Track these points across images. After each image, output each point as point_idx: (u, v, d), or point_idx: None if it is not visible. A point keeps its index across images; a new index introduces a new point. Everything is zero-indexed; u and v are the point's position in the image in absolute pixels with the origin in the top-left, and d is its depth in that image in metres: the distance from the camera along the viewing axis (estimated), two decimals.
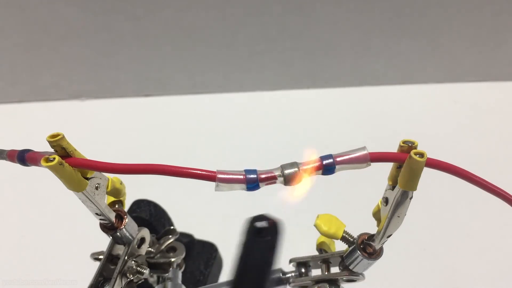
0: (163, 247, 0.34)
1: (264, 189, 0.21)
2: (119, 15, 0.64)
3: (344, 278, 0.28)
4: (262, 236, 0.16)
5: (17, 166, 0.22)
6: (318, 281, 0.28)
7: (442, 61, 0.72)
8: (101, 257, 0.29)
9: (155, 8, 0.64)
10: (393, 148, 0.22)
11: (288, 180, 0.21)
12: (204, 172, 0.20)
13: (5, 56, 0.68)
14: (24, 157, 0.22)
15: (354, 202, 0.51)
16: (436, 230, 0.52)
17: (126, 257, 0.28)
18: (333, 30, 0.68)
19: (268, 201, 0.57)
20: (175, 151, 0.62)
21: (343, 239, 0.27)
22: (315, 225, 0.28)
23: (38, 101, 0.72)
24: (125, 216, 0.27)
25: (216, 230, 0.49)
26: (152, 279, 0.34)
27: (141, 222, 0.31)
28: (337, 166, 0.21)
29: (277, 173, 0.21)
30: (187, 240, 0.43)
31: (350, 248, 0.27)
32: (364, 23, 0.67)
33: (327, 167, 0.21)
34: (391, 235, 0.24)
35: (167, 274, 0.33)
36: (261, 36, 0.68)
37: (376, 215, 0.25)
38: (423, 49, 0.71)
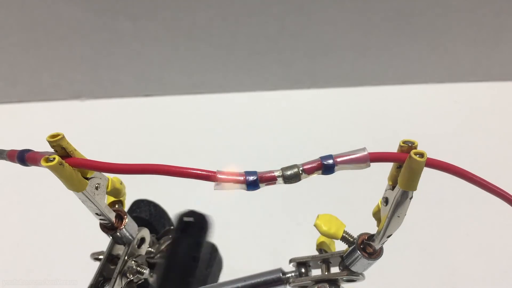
0: (163, 247, 0.34)
1: (264, 189, 0.21)
2: (119, 15, 0.64)
3: (344, 278, 0.28)
4: (188, 231, 0.16)
5: (17, 166, 0.23)
6: (318, 281, 0.28)
7: (442, 61, 0.72)
8: (101, 257, 0.29)
9: (155, 8, 0.64)
10: (393, 148, 0.22)
11: (288, 180, 0.21)
12: (204, 173, 0.20)
13: (5, 56, 0.68)
14: (24, 157, 0.22)
15: (354, 202, 0.51)
16: (436, 230, 0.52)
17: (126, 257, 0.28)
18: (333, 30, 0.68)
19: (268, 201, 0.58)
20: (175, 151, 0.62)
21: (343, 239, 0.27)
22: (315, 225, 0.28)
23: (38, 101, 0.72)
24: (125, 216, 0.27)
25: (216, 230, 0.49)
26: (152, 279, 0.34)
27: (141, 222, 0.31)
28: (337, 166, 0.21)
29: (277, 173, 0.21)
30: None
31: (350, 248, 0.27)
32: (364, 23, 0.67)
33: (327, 167, 0.21)
34: (391, 235, 0.24)
35: None
36: (261, 36, 0.68)
37: (376, 215, 0.25)
38: (423, 49, 0.71)
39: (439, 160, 0.21)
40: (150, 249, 0.33)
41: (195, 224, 0.16)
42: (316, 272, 0.30)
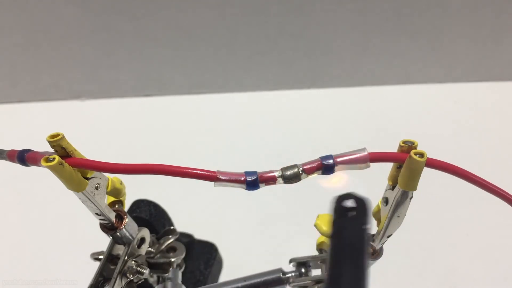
0: (163, 247, 0.34)
1: (264, 189, 0.21)
2: (119, 15, 0.64)
3: None
4: (350, 214, 0.16)
5: (17, 166, 0.22)
6: (318, 281, 0.28)
7: (442, 61, 0.72)
8: (101, 257, 0.29)
9: (155, 8, 0.64)
10: (393, 148, 0.22)
11: (288, 180, 0.21)
12: (205, 172, 0.20)
13: (5, 56, 0.68)
14: (24, 157, 0.22)
15: None
16: (436, 230, 0.52)
17: (126, 257, 0.28)
18: (333, 30, 0.68)
19: (268, 200, 0.57)
20: (175, 151, 0.62)
21: None
22: (315, 225, 0.28)
23: (38, 101, 0.72)
24: (125, 216, 0.27)
25: (216, 230, 0.50)
26: (152, 279, 0.34)
27: (141, 222, 0.31)
28: (336, 167, 0.21)
29: (277, 173, 0.21)
30: (187, 240, 0.43)
31: None
32: (363, 23, 0.67)
33: (327, 168, 0.21)
34: (391, 235, 0.24)
35: (167, 274, 0.33)
36: (261, 36, 0.68)
37: (376, 215, 0.25)
38: (423, 49, 0.71)
39: (439, 160, 0.21)
40: (150, 249, 0.33)
41: (357, 208, 0.16)
42: (316, 272, 0.30)
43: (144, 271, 0.29)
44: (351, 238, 0.16)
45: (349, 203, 0.16)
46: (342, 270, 0.15)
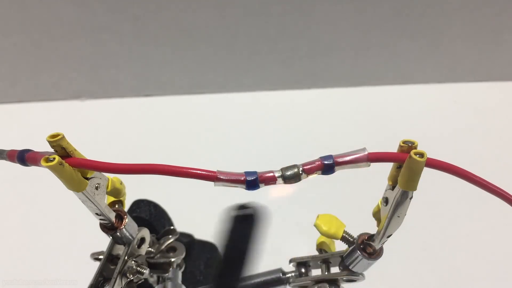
0: (163, 247, 0.34)
1: (264, 189, 0.21)
2: (119, 15, 0.64)
3: (344, 278, 0.28)
4: (244, 223, 0.17)
5: (17, 166, 0.22)
6: (318, 281, 0.28)
7: (442, 61, 0.72)
8: (101, 257, 0.29)
9: (155, 8, 0.64)
10: (393, 148, 0.22)
11: (288, 180, 0.21)
12: (205, 172, 0.20)
13: (5, 56, 0.68)
14: (24, 157, 0.22)
15: (354, 202, 0.51)
16: (436, 230, 0.52)
17: (126, 257, 0.28)
18: (333, 30, 0.68)
19: (268, 200, 0.57)
20: (175, 151, 0.62)
21: (343, 239, 0.27)
22: (315, 225, 0.28)
23: (38, 101, 0.72)
24: (125, 216, 0.27)
25: (216, 230, 0.49)
26: (152, 279, 0.34)
27: (141, 222, 0.31)
28: (337, 167, 0.21)
29: (277, 174, 0.21)
30: (187, 240, 0.43)
31: (350, 248, 0.27)
32: (364, 23, 0.67)
33: (327, 168, 0.21)
34: (391, 235, 0.24)
35: (167, 274, 0.33)
36: (261, 36, 0.68)
37: (376, 215, 0.25)
38: (423, 49, 0.71)
39: (439, 160, 0.21)
40: (150, 249, 0.33)
41: (250, 217, 0.17)
42: (316, 272, 0.29)
43: (144, 271, 0.29)
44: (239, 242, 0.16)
45: (242, 211, 0.17)
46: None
